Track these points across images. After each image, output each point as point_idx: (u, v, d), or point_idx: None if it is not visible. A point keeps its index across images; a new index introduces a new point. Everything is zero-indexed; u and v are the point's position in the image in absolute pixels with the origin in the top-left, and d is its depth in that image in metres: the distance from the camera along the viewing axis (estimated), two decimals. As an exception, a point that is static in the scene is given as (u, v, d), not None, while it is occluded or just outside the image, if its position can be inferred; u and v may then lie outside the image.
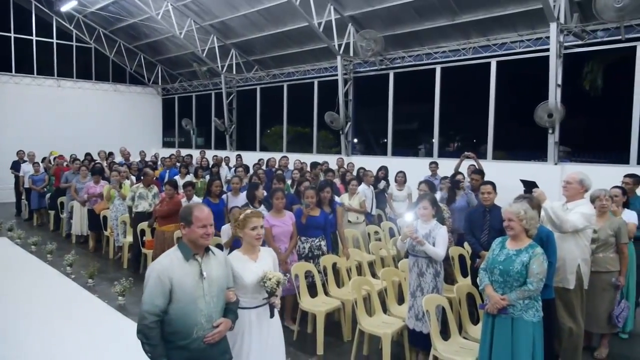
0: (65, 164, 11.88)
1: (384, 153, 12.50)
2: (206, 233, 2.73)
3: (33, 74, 16.86)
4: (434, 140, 11.36)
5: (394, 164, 9.80)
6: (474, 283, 4.76)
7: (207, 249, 2.81)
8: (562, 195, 4.67)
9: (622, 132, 8.75)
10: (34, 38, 16.78)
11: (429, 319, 4.13)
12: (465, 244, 5.95)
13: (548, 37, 8.84)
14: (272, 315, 3.31)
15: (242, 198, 6.71)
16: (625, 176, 5.99)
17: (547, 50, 8.84)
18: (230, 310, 2.90)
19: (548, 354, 3.79)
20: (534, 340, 3.49)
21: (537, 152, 9.61)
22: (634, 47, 8.41)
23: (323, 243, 5.66)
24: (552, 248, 4.01)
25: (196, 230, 2.71)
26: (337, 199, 6.82)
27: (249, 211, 3.36)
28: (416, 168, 9.58)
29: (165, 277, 2.62)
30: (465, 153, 8.21)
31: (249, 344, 3.21)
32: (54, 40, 17.23)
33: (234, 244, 5.10)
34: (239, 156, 12.78)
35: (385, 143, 12.54)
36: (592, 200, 4.91)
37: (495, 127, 10.30)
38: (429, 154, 11.60)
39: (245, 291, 3.20)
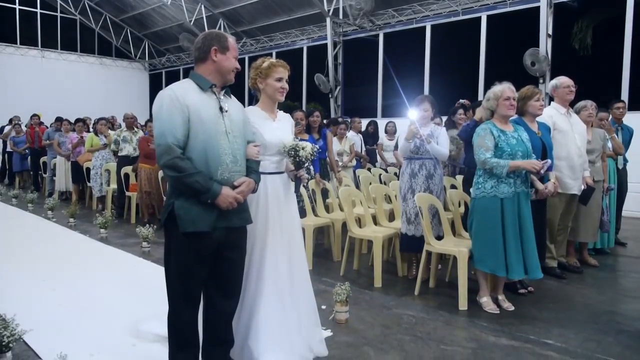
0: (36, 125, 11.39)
1: (374, 115, 12.36)
2: (237, 67, 2.39)
3: (16, 43, 16.48)
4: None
5: (384, 124, 9.68)
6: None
7: (222, 88, 2.39)
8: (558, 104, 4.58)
9: (611, 88, 8.72)
10: (17, 7, 16.37)
11: (422, 216, 3.99)
12: (458, 177, 5.88)
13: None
14: (297, 189, 2.88)
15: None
16: (617, 101, 5.92)
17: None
18: (252, 169, 2.44)
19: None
20: None
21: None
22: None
23: (311, 168, 5.54)
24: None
25: (232, 60, 2.34)
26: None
27: (274, 59, 2.83)
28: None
29: (180, 103, 2.17)
30: (460, 100, 8.11)
31: (266, 209, 2.70)
32: (38, 10, 16.85)
33: None
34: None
35: (375, 106, 12.44)
36: (578, 110, 4.82)
37: (485, 83, 10.23)
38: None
39: (262, 151, 2.66)
